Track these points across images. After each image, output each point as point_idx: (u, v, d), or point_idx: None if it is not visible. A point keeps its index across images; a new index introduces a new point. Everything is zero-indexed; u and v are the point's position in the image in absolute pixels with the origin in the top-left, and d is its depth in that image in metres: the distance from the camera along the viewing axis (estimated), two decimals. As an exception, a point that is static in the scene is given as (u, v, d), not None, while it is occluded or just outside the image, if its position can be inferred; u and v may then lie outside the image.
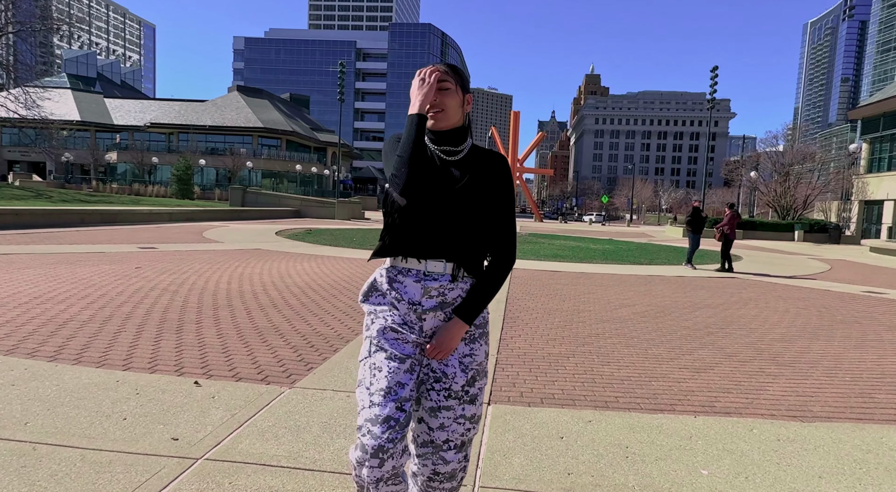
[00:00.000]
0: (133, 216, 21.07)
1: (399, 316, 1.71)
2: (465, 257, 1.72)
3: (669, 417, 3.48)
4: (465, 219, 1.70)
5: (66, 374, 3.71)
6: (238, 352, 4.44)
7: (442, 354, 1.69)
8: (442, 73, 1.74)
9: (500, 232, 1.76)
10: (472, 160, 1.77)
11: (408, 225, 1.69)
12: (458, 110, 1.76)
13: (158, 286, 7.28)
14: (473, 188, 1.71)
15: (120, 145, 65.72)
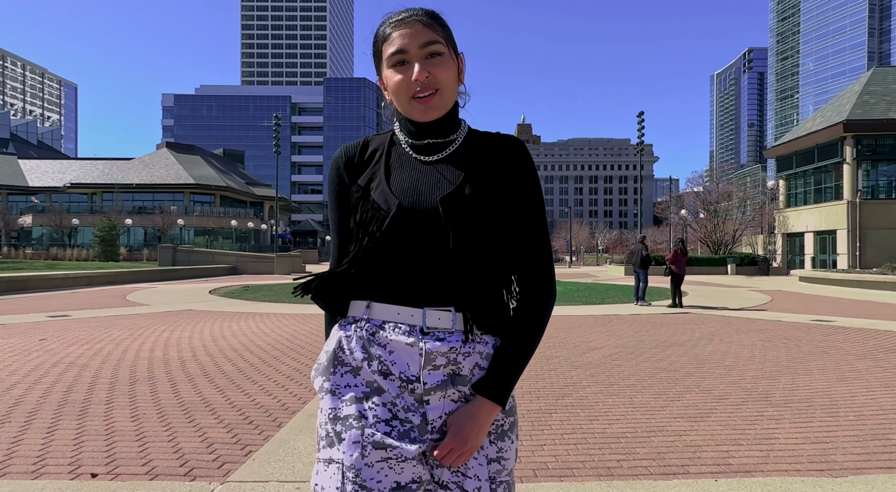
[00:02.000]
0: (46, 282, 19.17)
1: (387, 408, 1.04)
2: (485, 302, 1.10)
3: (687, 482, 2.94)
4: (477, 245, 1.08)
5: (-88, 490, 2.79)
6: (156, 438, 3.60)
7: (462, 458, 1.04)
8: (424, 29, 1.10)
9: (530, 252, 1.14)
10: (474, 151, 1.17)
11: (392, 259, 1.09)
12: (455, 85, 1.15)
13: (64, 361, 6.22)
14: (482, 192, 1.10)
15: (36, 208, 61.60)
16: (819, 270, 24.96)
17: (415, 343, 1.05)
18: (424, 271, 1.07)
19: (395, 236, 1.08)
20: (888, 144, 31.43)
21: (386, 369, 1.06)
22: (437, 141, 1.16)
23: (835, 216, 32.32)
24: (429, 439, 1.05)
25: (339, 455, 1.01)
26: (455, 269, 1.07)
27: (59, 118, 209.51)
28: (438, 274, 1.07)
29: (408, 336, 1.06)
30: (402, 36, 1.09)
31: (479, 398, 1.06)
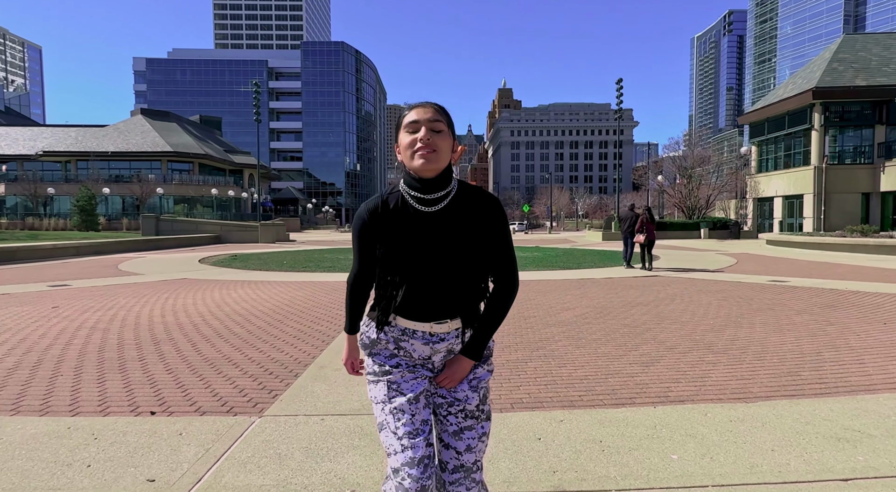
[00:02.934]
0: (34, 252, 19.40)
1: (410, 366, 1.76)
2: (470, 310, 1.74)
3: (632, 410, 3.71)
4: (468, 274, 1.70)
5: (6, 427, 3.42)
6: (194, 386, 4.26)
7: (452, 384, 1.75)
8: (434, 112, 1.67)
9: (502, 271, 1.75)
10: (462, 204, 1.71)
11: (409, 287, 1.69)
12: (449, 154, 1.69)
13: (85, 325, 6.80)
14: (468, 236, 1.69)
15: (7, 176, 60.28)
16: (784, 234, 26.18)
17: (427, 343, 1.73)
18: (435, 299, 1.69)
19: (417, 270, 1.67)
20: (854, 111, 32.51)
21: (409, 354, 1.75)
22: (436, 195, 1.69)
23: (802, 181, 33.54)
24: (435, 373, 1.79)
25: (384, 378, 1.73)
26: (452, 295, 1.70)
27: (23, 82, 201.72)
28: (440, 298, 1.69)
29: (422, 340, 1.73)
30: (417, 113, 1.67)
31: (461, 357, 1.75)
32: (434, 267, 1.66)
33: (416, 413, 1.67)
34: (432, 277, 1.66)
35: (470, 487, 1.72)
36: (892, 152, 31.83)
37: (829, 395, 3.96)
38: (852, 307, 7.89)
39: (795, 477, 2.71)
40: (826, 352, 5.22)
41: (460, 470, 1.71)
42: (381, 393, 1.71)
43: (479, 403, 1.77)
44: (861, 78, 32.04)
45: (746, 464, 2.86)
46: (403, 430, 1.63)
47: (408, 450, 1.60)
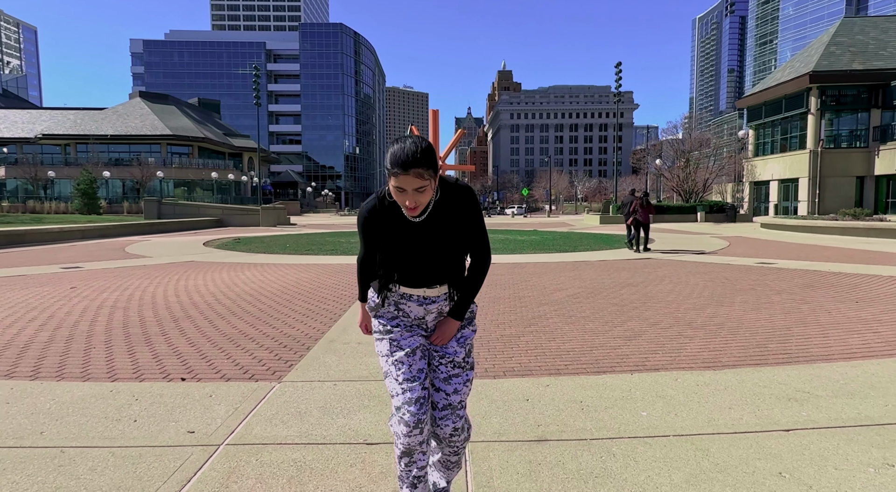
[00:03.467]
0: (42, 236, 19.80)
1: (405, 320, 2.18)
2: (454, 277, 2.15)
3: (611, 376, 4.15)
4: (451, 252, 2.11)
5: (56, 389, 3.86)
6: (216, 357, 4.69)
7: (443, 342, 2.18)
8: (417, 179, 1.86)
9: (477, 248, 2.14)
10: (443, 203, 2.04)
11: (404, 267, 2.08)
12: (431, 196, 1.95)
13: (105, 304, 7.23)
14: (448, 226, 2.05)
15: (7, 159, 60.42)
16: (778, 217, 26.57)
17: (421, 304, 2.15)
18: (423, 273, 2.10)
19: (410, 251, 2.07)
20: (850, 95, 32.71)
21: (406, 314, 2.17)
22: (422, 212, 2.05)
23: (798, 165, 33.85)
24: (429, 332, 2.22)
25: (390, 336, 2.15)
26: (439, 267, 2.11)
27: (19, 64, 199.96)
28: (431, 273, 2.11)
29: (417, 303, 2.15)
30: (403, 182, 1.87)
31: (449, 319, 2.17)
32: (423, 253, 2.06)
33: (412, 364, 2.08)
34: (423, 259, 2.07)
35: (455, 420, 2.14)
36: (887, 136, 32.10)
37: (790, 364, 4.40)
38: (830, 287, 8.32)
39: (745, 428, 3.15)
40: (795, 327, 5.66)
41: (448, 408, 2.14)
42: (385, 348, 2.14)
43: (465, 356, 2.19)
44: (858, 62, 32.18)
45: (705, 419, 3.30)
46: (403, 377, 2.05)
47: (407, 392, 2.02)
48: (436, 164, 1.91)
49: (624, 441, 3.01)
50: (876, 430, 3.11)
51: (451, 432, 2.14)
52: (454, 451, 2.21)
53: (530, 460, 2.80)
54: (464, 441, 2.19)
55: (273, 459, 2.82)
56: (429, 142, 1.91)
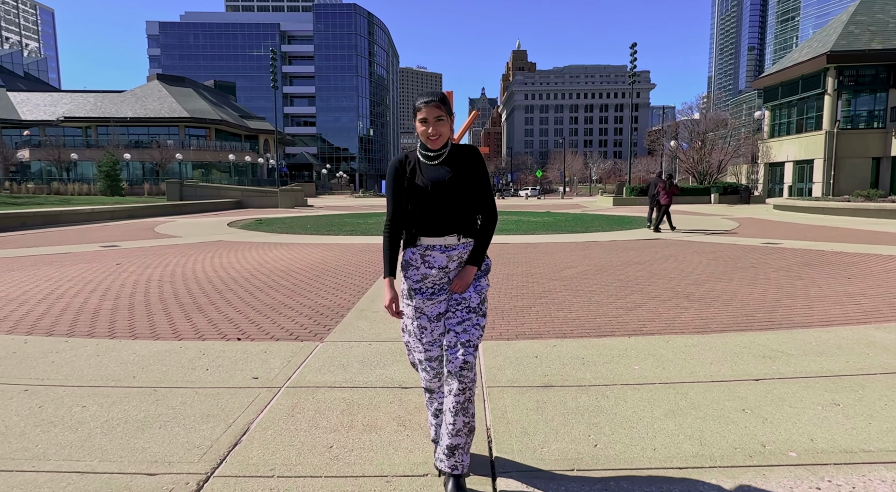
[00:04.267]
0: (75, 216, 20.69)
1: (431, 281, 2.47)
2: (467, 227, 2.48)
3: (611, 339, 4.72)
4: (462, 202, 2.45)
5: (134, 346, 4.53)
6: (263, 322, 5.34)
7: (463, 289, 2.47)
8: (436, 109, 2.37)
9: (485, 201, 2.51)
10: (454, 157, 2.44)
11: (426, 216, 2.43)
12: (448, 131, 2.42)
13: (152, 278, 7.92)
14: (460, 178, 2.42)
15: (32, 142, 61.76)
16: (791, 199, 26.69)
17: (443, 252, 2.47)
18: (443, 221, 2.43)
19: (429, 200, 2.42)
20: (869, 75, 32.38)
21: (431, 265, 2.48)
22: (437, 154, 2.45)
23: (813, 146, 33.71)
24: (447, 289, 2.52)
25: (412, 303, 2.49)
26: (455, 215, 2.45)
27: (38, 46, 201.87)
28: (448, 221, 2.44)
29: (440, 251, 2.46)
30: (425, 112, 2.37)
31: (468, 265, 2.49)
32: (439, 197, 2.40)
33: (434, 330, 2.46)
34: (440, 206, 2.41)
35: (466, 355, 2.36)
36: (905, 117, 31.81)
37: (771, 330, 4.93)
38: (828, 265, 8.77)
39: (721, 378, 3.71)
40: (785, 300, 6.17)
41: (459, 345, 2.39)
42: (410, 312, 2.51)
43: (479, 303, 2.47)
44: (877, 41, 31.79)
45: (688, 371, 3.87)
46: (426, 339, 2.47)
47: (428, 351, 2.47)
48: (449, 107, 2.43)
49: (617, 387, 3.59)
50: (833, 379, 3.66)
51: (461, 365, 2.33)
52: (463, 387, 2.33)
53: (537, 400, 3.39)
54: (471, 381, 2.35)
55: (326, 397, 3.44)
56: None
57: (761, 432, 2.91)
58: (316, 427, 3.03)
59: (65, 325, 5.22)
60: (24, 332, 4.98)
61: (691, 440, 2.84)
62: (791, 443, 2.79)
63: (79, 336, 4.83)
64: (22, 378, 3.77)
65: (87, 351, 4.39)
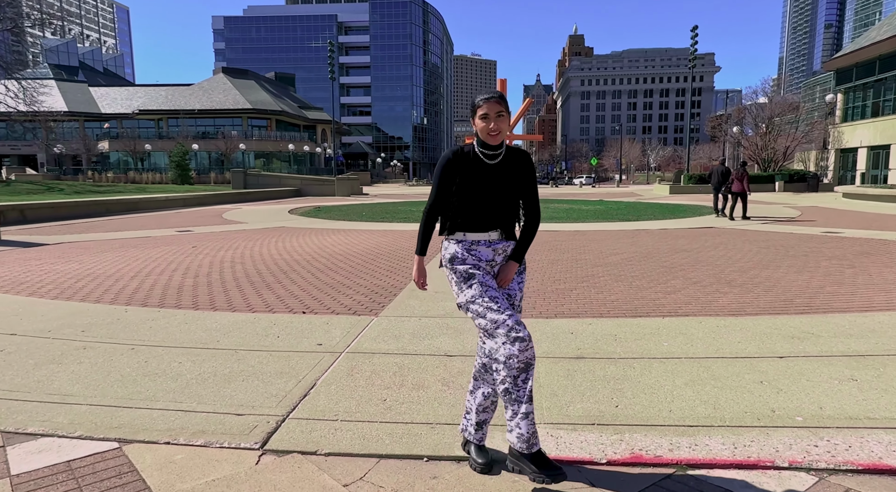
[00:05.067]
0: (152, 204, 22.30)
1: (484, 271, 2.56)
2: (510, 227, 2.59)
3: (645, 319, 5.00)
4: (510, 202, 2.57)
5: (215, 316, 5.18)
6: (324, 298, 5.91)
7: (507, 283, 2.57)
8: (498, 105, 2.45)
9: (531, 204, 2.63)
10: (508, 158, 2.54)
11: (474, 210, 2.49)
12: (507, 128, 2.52)
13: (225, 259, 8.70)
14: (512, 179, 2.52)
15: (110, 134, 66.03)
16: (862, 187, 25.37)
17: (488, 246, 2.54)
18: (490, 217, 2.51)
19: (480, 197, 2.50)
20: (956, 54, 30.11)
21: (478, 259, 2.53)
22: (496, 153, 2.52)
23: (890, 130, 31.74)
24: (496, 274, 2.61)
25: (476, 281, 2.45)
26: (502, 213, 2.54)
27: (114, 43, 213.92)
28: (495, 217, 2.52)
29: (485, 245, 2.53)
30: (487, 108, 2.44)
31: (511, 261, 2.57)
32: (490, 195, 2.50)
33: (503, 300, 2.43)
34: (489, 201, 2.50)
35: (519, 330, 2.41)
36: None
37: (807, 314, 5.06)
38: (885, 255, 8.59)
39: (745, 354, 3.96)
40: (829, 287, 6.21)
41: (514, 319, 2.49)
42: (476, 291, 2.44)
43: (521, 299, 2.66)
44: (967, 17, 29.46)
45: (714, 348, 4.12)
46: (503, 307, 2.38)
47: (511, 317, 2.34)
48: (507, 105, 2.52)
49: (644, 360, 3.91)
50: (857, 358, 3.84)
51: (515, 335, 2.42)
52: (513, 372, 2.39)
53: (568, 369, 3.75)
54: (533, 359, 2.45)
55: (381, 361, 3.93)
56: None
57: (773, 401, 3.17)
58: (371, 385, 3.51)
59: (156, 298, 5.96)
60: (124, 303, 5.74)
61: (706, 405, 3.14)
62: (800, 410, 3.05)
63: (168, 307, 5.54)
64: (128, 340, 4.46)
65: (177, 319, 5.06)
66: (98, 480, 2.44)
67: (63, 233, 13.29)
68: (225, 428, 2.92)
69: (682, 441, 2.74)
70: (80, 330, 4.73)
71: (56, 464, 2.57)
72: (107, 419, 3.02)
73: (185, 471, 2.52)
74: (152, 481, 2.43)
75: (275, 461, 2.61)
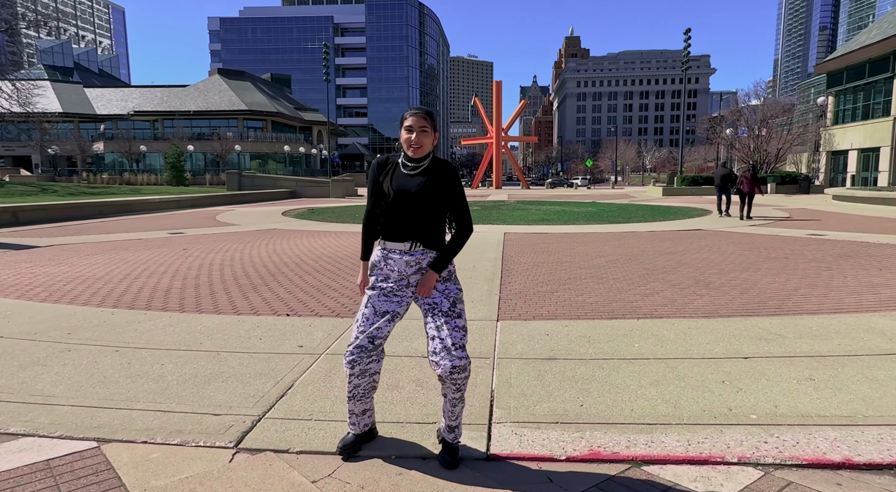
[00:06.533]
0: (146, 205, 22.35)
1: (391, 282, 2.61)
2: (431, 239, 2.59)
3: (620, 321, 5.12)
4: (430, 214, 2.57)
5: (200, 318, 5.28)
6: (308, 301, 6.01)
7: (427, 292, 2.59)
8: (421, 119, 2.54)
9: (458, 215, 2.64)
10: (431, 171, 2.57)
11: (391, 217, 2.57)
12: (431, 143, 2.58)
13: (214, 262, 8.79)
14: (432, 191, 2.55)
15: (105, 135, 65.96)
16: (851, 189, 25.60)
17: (401, 256, 2.60)
18: (406, 227, 2.57)
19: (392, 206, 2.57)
20: (945, 58, 30.39)
21: (392, 268, 2.62)
22: (416, 165, 2.60)
23: (880, 133, 32.01)
24: (411, 293, 2.66)
25: (368, 294, 2.67)
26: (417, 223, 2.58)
27: (110, 44, 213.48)
28: (411, 227, 2.57)
29: (399, 256, 2.60)
30: (411, 121, 2.54)
31: (429, 269, 2.60)
32: (406, 205, 2.54)
33: (375, 322, 2.58)
34: (405, 211, 2.55)
35: (453, 359, 2.50)
36: (985, 101, 29.74)
37: (777, 316, 5.20)
38: (864, 257, 8.74)
39: (711, 355, 4.08)
40: (803, 289, 6.35)
41: (444, 350, 2.52)
42: (365, 301, 2.67)
43: (450, 306, 2.59)
44: (956, 20, 29.76)
45: (683, 349, 4.25)
46: (363, 327, 2.59)
47: (357, 339, 2.58)
48: (434, 122, 2.61)
49: (613, 361, 4.03)
50: (817, 359, 3.97)
51: (450, 369, 2.47)
52: (457, 387, 2.53)
53: (540, 370, 3.87)
54: (464, 380, 2.53)
55: (358, 362, 4.04)
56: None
57: (731, 400, 3.30)
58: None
59: (143, 301, 6.05)
60: (111, 305, 5.84)
61: (666, 403, 3.27)
62: (755, 408, 3.18)
63: (155, 310, 5.64)
64: (113, 342, 4.56)
65: (163, 322, 5.16)
66: (75, 478, 2.55)
67: (55, 235, 13.35)
68: (202, 428, 3.02)
69: (639, 439, 2.86)
70: (66, 332, 4.83)
71: (35, 463, 2.68)
72: (87, 420, 3.12)
73: (160, 468, 2.63)
74: (127, 479, 2.54)
75: (247, 459, 2.72)
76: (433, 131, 2.59)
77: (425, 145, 2.57)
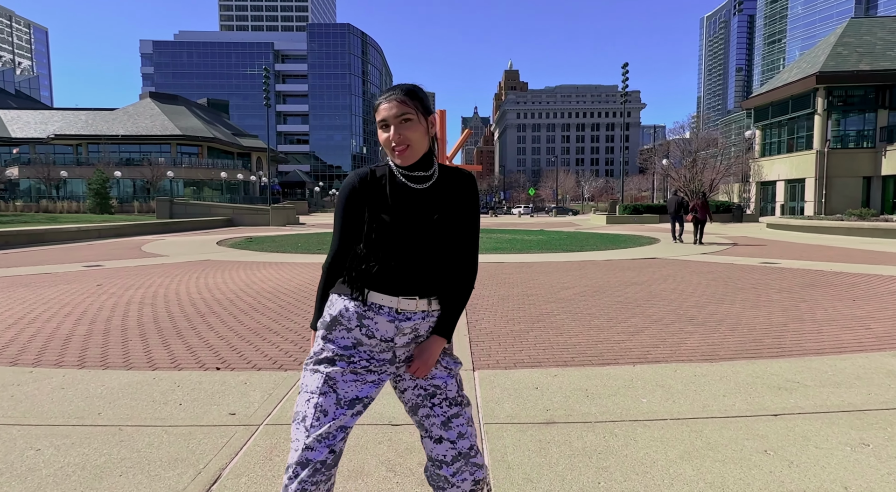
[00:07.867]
0: (61, 235, 20.27)
1: (365, 352, 1.67)
2: (437, 288, 1.71)
3: (615, 367, 4.45)
4: (443, 252, 1.70)
5: (104, 376, 4.20)
6: (245, 349, 5.03)
7: (426, 371, 1.71)
8: (398, 105, 1.63)
9: (467, 250, 1.75)
10: (443, 184, 1.72)
11: (384, 260, 1.65)
12: (425, 138, 1.67)
13: (133, 300, 7.59)
14: (449, 216, 1.69)
15: (21, 159, 61.29)
16: (784, 217, 26.72)
17: (392, 321, 1.66)
18: (403, 273, 1.66)
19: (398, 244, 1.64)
20: (858, 95, 32.76)
21: (371, 333, 1.66)
22: (420, 175, 1.69)
23: (804, 165, 33.93)
24: (392, 371, 1.73)
25: (326, 370, 1.62)
26: (425, 269, 1.68)
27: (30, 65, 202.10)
28: (413, 274, 1.67)
29: (387, 316, 1.65)
30: (384, 110, 1.63)
31: (435, 336, 1.71)
32: (416, 240, 1.65)
33: (337, 417, 1.59)
34: (412, 250, 1.66)
35: (474, 470, 1.74)
36: (894, 136, 32.13)
37: (783, 357, 4.68)
38: (829, 287, 8.57)
39: (736, 413, 3.44)
40: (791, 324, 5.93)
41: (460, 458, 1.72)
42: (315, 384, 1.62)
43: (458, 389, 1.78)
44: (865, 62, 32.22)
45: (700, 405, 3.59)
46: (316, 431, 1.57)
47: (308, 451, 1.56)
48: (423, 102, 1.68)
49: (625, 424, 3.31)
50: (857, 415, 3.40)
51: (471, 486, 1.75)
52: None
53: (540, 440, 3.10)
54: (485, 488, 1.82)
55: (309, 437, 3.13)
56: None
57: (788, 479, 2.63)
58: (296, 473, 2.72)
59: (31, 353, 4.88)
60: (-13, 361, 4.64)
61: (713, 488, 2.56)
62: (823, 490, 2.52)
63: (45, 366, 4.50)
64: (-25, 415, 3.44)
65: (52, 383, 4.06)
66: None
67: (-56, 269, 11.57)
68: (78, 562, 2.05)
69: (700, 550, 2.12)
70: (-87, 403, 3.66)
71: None
72: None
73: None
74: None
75: None
76: (423, 117, 1.66)
77: (414, 143, 1.64)
